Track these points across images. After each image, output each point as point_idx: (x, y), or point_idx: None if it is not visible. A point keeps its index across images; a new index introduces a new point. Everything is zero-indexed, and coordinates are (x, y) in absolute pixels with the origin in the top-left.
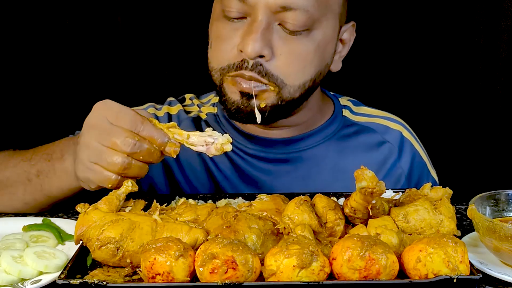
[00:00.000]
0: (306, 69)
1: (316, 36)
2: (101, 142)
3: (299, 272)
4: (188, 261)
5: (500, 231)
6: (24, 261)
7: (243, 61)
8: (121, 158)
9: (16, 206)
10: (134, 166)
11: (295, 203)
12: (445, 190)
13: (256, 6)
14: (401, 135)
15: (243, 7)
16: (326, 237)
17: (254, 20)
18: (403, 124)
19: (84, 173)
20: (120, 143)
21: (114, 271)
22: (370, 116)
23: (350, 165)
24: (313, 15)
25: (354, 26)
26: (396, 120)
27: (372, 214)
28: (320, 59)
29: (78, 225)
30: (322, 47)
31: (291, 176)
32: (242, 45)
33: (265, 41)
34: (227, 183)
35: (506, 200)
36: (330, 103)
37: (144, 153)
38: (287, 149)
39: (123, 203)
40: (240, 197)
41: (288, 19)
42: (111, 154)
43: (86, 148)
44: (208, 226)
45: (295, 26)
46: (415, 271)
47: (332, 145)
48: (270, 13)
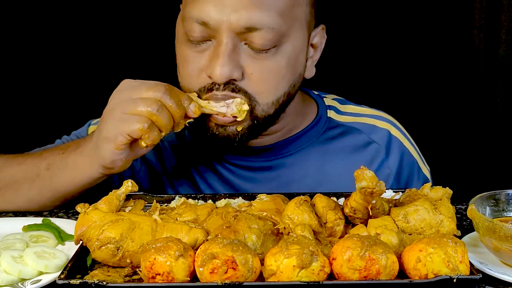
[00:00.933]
0: (279, 85)
1: (285, 51)
2: (132, 95)
3: (299, 272)
4: (188, 261)
5: (500, 231)
6: (24, 261)
7: (213, 83)
8: (154, 102)
9: (19, 204)
10: (164, 113)
11: (295, 203)
12: (445, 190)
13: (219, 29)
14: (389, 133)
15: (206, 30)
16: (326, 237)
17: (219, 44)
18: (392, 122)
19: (113, 127)
20: (152, 91)
21: (114, 271)
22: (356, 115)
23: (335, 169)
24: (280, 31)
25: (324, 29)
26: (384, 118)
27: (372, 214)
28: (292, 72)
29: (78, 225)
30: (293, 60)
31: (274, 183)
32: (210, 71)
33: (233, 63)
34: (210, 191)
35: (506, 200)
36: (313, 105)
37: (173, 103)
38: (269, 157)
39: (123, 203)
40: (240, 197)
41: (254, 39)
42: (144, 101)
43: (118, 105)
44: (208, 226)
45: (262, 45)
46: (415, 271)
47: (316, 148)
48: (234, 35)
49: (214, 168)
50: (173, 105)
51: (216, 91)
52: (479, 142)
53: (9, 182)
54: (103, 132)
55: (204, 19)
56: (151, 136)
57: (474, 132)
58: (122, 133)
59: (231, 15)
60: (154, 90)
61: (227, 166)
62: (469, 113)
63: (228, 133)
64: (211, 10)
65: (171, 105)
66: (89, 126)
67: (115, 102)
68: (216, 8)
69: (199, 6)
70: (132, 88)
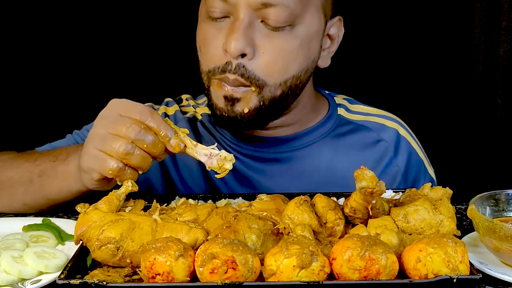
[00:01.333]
0: (289, 66)
1: (299, 32)
2: (108, 130)
3: (299, 272)
4: (188, 261)
5: (500, 231)
6: (24, 261)
7: (227, 63)
8: (124, 144)
9: (15, 207)
10: (137, 155)
11: (295, 203)
12: (445, 190)
13: (237, 5)
14: (397, 133)
15: (225, 6)
16: (326, 237)
17: (236, 19)
18: (400, 122)
19: (87, 162)
20: (125, 129)
21: (114, 271)
22: (366, 114)
23: (345, 164)
24: (295, 10)
25: (341, 21)
26: (392, 118)
27: (372, 214)
28: (304, 55)
29: (78, 225)
30: (306, 43)
31: (285, 175)
32: (226, 45)
33: (247, 39)
34: (222, 183)
35: (506, 200)
36: (325, 102)
37: (148, 143)
38: (281, 149)
39: (123, 203)
40: (240, 197)
41: (270, 16)
42: (115, 139)
43: (94, 137)
44: (208, 226)
45: (277, 22)
46: (415, 271)
47: (327, 143)
48: (251, 11)
49: None
50: (149, 145)
51: (228, 73)
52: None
53: (7, 185)
54: (81, 162)
55: None
56: (124, 176)
57: (474, 132)
58: (95, 170)
59: None
60: (128, 128)
61: (239, 157)
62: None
63: (236, 114)
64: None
65: (145, 146)
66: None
67: (92, 133)
68: None
69: None
70: (110, 120)
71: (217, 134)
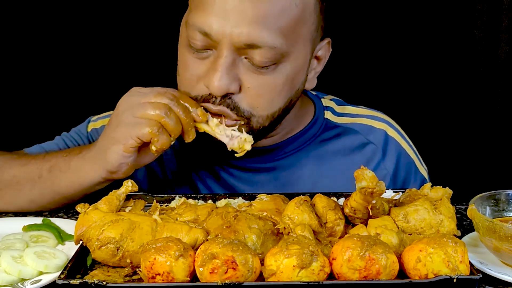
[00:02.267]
0: (273, 101)
1: (284, 69)
2: (142, 100)
3: (299, 272)
4: (188, 261)
5: (500, 231)
6: (24, 261)
7: (211, 95)
8: (164, 107)
9: (20, 204)
10: (172, 118)
11: (295, 203)
12: (445, 190)
13: (220, 42)
14: (386, 134)
15: (207, 40)
16: (326, 237)
17: (219, 56)
18: (388, 122)
19: (123, 130)
20: (161, 97)
21: (114, 271)
22: (353, 116)
23: (332, 170)
24: (280, 50)
25: (329, 43)
26: (381, 118)
27: (372, 214)
28: (289, 89)
29: (78, 225)
30: (291, 78)
31: (270, 185)
32: (208, 82)
33: (231, 77)
34: (208, 192)
35: (506, 200)
36: (310, 106)
37: (180, 109)
38: (265, 159)
39: (123, 203)
40: (240, 197)
41: (254, 55)
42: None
43: (127, 108)
44: (208, 226)
45: (261, 63)
46: (415, 271)
47: (312, 150)
48: (234, 49)
49: (213, 170)
50: (180, 111)
51: (212, 105)
52: (479, 142)
53: (11, 182)
54: (113, 135)
55: (206, 30)
56: (161, 139)
57: (474, 132)
58: (133, 136)
59: (233, 30)
60: (162, 95)
61: (226, 168)
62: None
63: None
64: (214, 22)
65: (178, 111)
66: (88, 123)
67: (124, 107)
68: (218, 20)
69: (203, 15)
70: (141, 94)
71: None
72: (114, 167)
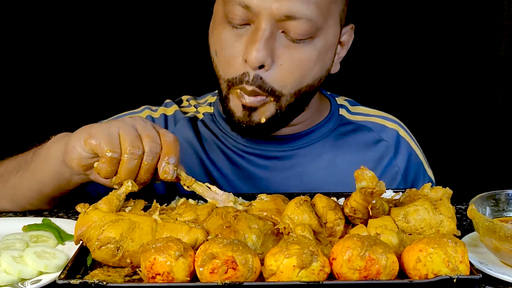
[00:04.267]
0: (305, 77)
1: (318, 43)
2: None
3: (299, 272)
4: (188, 261)
5: (500, 231)
6: (24, 261)
7: (244, 74)
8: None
9: (8, 193)
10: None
11: (295, 203)
12: (445, 190)
13: (260, 14)
14: (398, 134)
15: (247, 14)
16: (326, 237)
17: (258, 29)
18: (399, 124)
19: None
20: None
21: (114, 271)
22: (366, 115)
23: (346, 163)
24: (316, 23)
25: (352, 29)
26: (392, 119)
27: (372, 214)
28: (321, 65)
29: (78, 225)
30: (324, 54)
31: (287, 173)
32: (246, 55)
33: (268, 50)
34: (224, 181)
35: (506, 200)
36: (327, 102)
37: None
38: (284, 147)
39: (123, 203)
40: (240, 197)
41: (292, 28)
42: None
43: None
44: (208, 226)
45: (298, 35)
46: (415, 271)
47: (329, 143)
48: (273, 22)
49: (227, 155)
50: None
51: (246, 84)
52: (479, 142)
53: (2, 175)
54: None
55: (247, 3)
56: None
57: (474, 132)
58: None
59: (273, 2)
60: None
61: (241, 154)
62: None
63: (253, 123)
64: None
65: (146, 164)
66: None
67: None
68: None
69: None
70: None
71: (219, 133)
72: (70, 146)
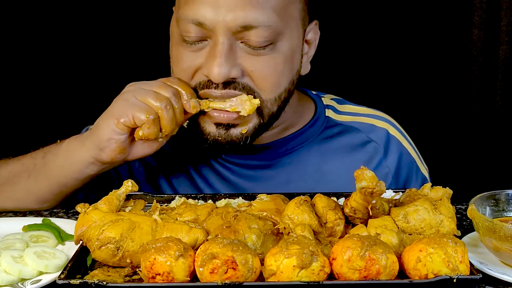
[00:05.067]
0: (279, 81)
1: (282, 48)
2: (149, 87)
3: (299, 272)
4: (188, 261)
5: (500, 231)
6: (24, 261)
7: (210, 81)
8: (165, 100)
9: (18, 196)
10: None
11: (295, 203)
12: (445, 190)
13: (215, 29)
14: (388, 133)
15: (201, 30)
16: (326, 237)
17: (216, 44)
18: (390, 121)
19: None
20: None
21: (114, 271)
22: (355, 114)
23: (333, 168)
24: (276, 28)
25: (317, 25)
26: (382, 117)
27: (372, 214)
28: (290, 68)
29: (78, 225)
30: (290, 57)
31: (273, 181)
32: (207, 71)
33: (230, 62)
34: (210, 191)
35: (506, 200)
36: (311, 104)
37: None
38: (267, 155)
39: (123, 203)
40: (240, 197)
41: (251, 37)
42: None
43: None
44: (208, 226)
45: (258, 43)
46: (415, 271)
47: (314, 147)
48: (230, 34)
49: (212, 167)
50: (179, 108)
51: (214, 90)
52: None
53: (8, 177)
54: (111, 109)
55: (200, 20)
56: (151, 129)
57: (474, 132)
58: (128, 114)
59: (227, 15)
60: (166, 88)
61: (226, 165)
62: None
63: (232, 138)
64: (207, 11)
65: (177, 107)
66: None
67: (128, 89)
68: (211, 8)
69: (195, 7)
70: (145, 83)
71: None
72: (104, 141)
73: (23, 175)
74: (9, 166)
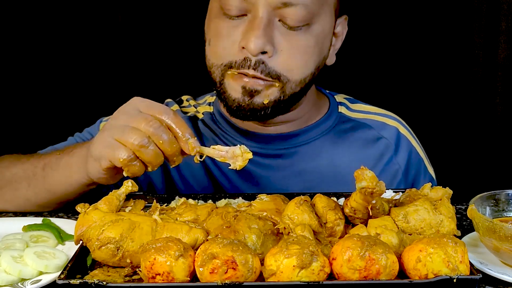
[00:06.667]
0: (308, 63)
1: (315, 30)
2: (127, 122)
3: (299, 272)
4: (188, 261)
5: (500, 231)
6: (24, 261)
7: (246, 59)
8: (141, 137)
9: (17, 202)
10: (150, 150)
11: (295, 203)
12: (445, 190)
13: (257, 3)
14: (398, 131)
15: (243, 4)
16: (326, 237)
17: (255, 17)
18: (400, 121)
19: (100, 148)
20: (145, 124)
21: (114, 271)
22: (366, 112)
23: (346, 160)
24: (312, 9)
25: (346, 20)
26: (392, 116)
27: (372, 214)
28: (319, 52)
29: (78, 225)
30: (321, 41)
31: (288, 170)
32: (245, 42)
33: (267, 37)
34: (225, 179)
35: (506, 200)
36: (325, 100)
37: (164, 140)
38: (283, 145)
39: (123, 203)
40: (240, 197)
41: (288, 15)
42: (133, 131)
43: (112, 127)
44: (208, 226)
45: (295, 22)
46: (415, 271)
47: (328, 140)
48: (270, 10)
49: None
50: (165, 142)
51: (248, 69)
52: (479, 142)
53: (10, 181)
54: (91, 150)
55: None
56: (132, 168)
57: (474, 132)
58: (106, 158)
59: None
60: (148, 122)
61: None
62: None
63: (254, 106)
64: None
65: (161, 142)
66: (100, 123)
67: (110, 124)
68: None
69: None
70: (130, 114)
71: (219, 132)
72: (95, 179)
73: (24, 183)
74: (14, 169)
